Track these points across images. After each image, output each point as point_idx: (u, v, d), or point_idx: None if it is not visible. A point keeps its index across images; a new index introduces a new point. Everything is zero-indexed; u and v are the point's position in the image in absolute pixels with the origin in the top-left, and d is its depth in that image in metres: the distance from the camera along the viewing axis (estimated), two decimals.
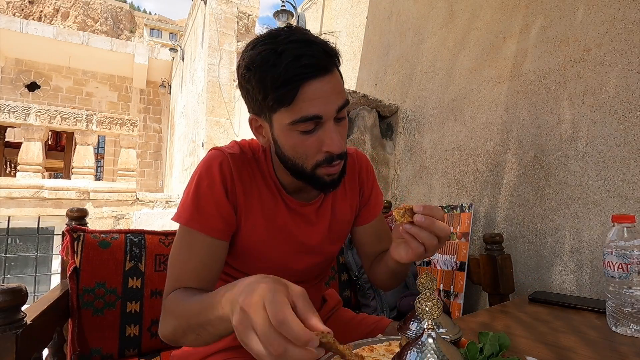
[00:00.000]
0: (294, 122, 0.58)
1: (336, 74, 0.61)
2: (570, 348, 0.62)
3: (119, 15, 23.46)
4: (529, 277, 1.30)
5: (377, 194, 0.84)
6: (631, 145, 1.06)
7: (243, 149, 0.71)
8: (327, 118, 0.59)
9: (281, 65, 0.55)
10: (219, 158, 0.66)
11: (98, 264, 0.94)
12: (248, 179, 0.68)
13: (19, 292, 0.60)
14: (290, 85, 0.56)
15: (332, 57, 0.60)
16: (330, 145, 0.60)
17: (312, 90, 0.57)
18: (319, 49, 0.58)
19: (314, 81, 0.57)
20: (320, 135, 0.60)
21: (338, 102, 0.60)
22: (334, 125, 0.60)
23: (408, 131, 1.94)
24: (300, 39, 0.57)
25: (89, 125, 5.31)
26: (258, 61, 0.57)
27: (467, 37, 1.65)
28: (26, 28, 8.76)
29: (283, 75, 0.55)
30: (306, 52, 0.56)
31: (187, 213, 0.63)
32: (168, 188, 9.72)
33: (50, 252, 5.10)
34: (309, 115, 0.58)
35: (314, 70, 0.57)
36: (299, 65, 0.55)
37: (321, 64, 0.57)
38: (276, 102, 0.58)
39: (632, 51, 1.08)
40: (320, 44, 0.59)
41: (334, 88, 0.59)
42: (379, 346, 0.59)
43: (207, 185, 0.64)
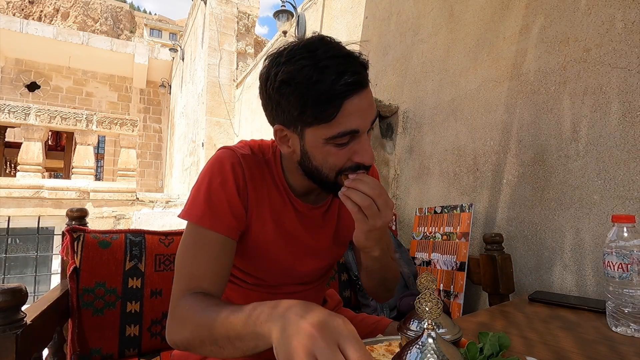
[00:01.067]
0: (332, 138, 0.58)
1: (370, 88, 0.61)
2: (570, 348, 0.62)
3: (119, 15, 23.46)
4: (529, 277, 1.30)
5: None
6: (631, 145, 1.06)
7: (253, 150, 0.71)
8: (363, 131, 0.60)
9: (325, 83, 0.55)
10: (232, 158, 0.66)
11: (98, 264, 0.94)
12: (259, 180, 0.68)
13: (19, 292, 0.60)
14: (334, 102, 0.56)
15: (366, 71, 0.60)
16: (362, 157, 0.61)
17: (353, 106, 0.57)
18: (358, 64, 0.58)
19: (355, 97, 0.57)
20: (354, 147, 0.60)
21: (373, 116, 0.61)
22: (368, 138, 0.61)
23: (408, 131, 1.94)
24: (339, 54, 0.57)
25: (89, 125, 5.31)
26: (299, 77, 0.56)
27: (467, 37, 1.65)
28: (26, 28, 8.76)
29: (327, 93, 0.55)
30: (348, 69, 0.56)
31: (198, 211, 0.62)
32: (168, 188, 9.72)
33: (50, 252, 5.10)
34: (348, 130, 0.58)
35: (357, 86, 0.57)
36: (343, 83, 0.55)
37: (361, 80, 0.58)
38: (315, 118, 0.57)
39: (632, 51, 1.08)
40: (357, 58, 0.59)
41: (370, 102, 0.60)
42: (379, 346, 0.59)
43: (220, 183, 0.64)
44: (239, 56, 6.58)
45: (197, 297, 0.58)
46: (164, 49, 10.45)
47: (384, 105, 1.97)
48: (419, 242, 1.62)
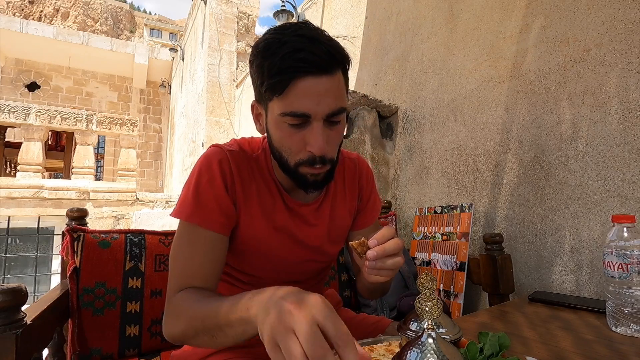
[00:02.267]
0: (283, 114, 0.58)
1: (337, 78, 0.60)
2: (570, 348, 0.62)
3: (119, 15, 23.47)
4: (529, 277, 1.30)
5: (374, 201, 0.84)
6: (631, 145, 1.06)
7: (242, 147, 0.71)
8: (316, 118, 0.59)
9: (279, 55, 0.56)
10: (219, 155, 0.67)
11: (98, 264, 0.94)
12: (247, 176, 0.69)
13: (19, 292, 0.60)
14: (283, 76, 0.56)
15: (335, 60, 0.58)
16: (312, 146, 0.60)
17: (305, 87, 0.57)
18: (322, 48, 0.57)
19: (309, 78, 0.56)
20: (306, 134, 0.60)
21: (331, 106, 0.59)
22: (321, 127, 0.59)
23: (408, 131, 1.94)
24: (306, 35, 0.57)
25: (89, 125, 5.31)
26: (261, 47, 0.58)
27: (467, 37, 1.65)
28: (26, 28, 8.76)
29: (278, 65, 0.56)
30: (307, 47, 0.56)
31: (188, 208, 0.63)
32: (168, 188, 9.72)
33: (50, 252, 5.10)
34: (298, 111, 0.58)
35: (311, 66, 0.56)
36: (296, 58, 0.55)
37: (320, 63, 0.56)
38: (269, 90, 0.58)
39: (632, 51, 1.08)
40: (326, 44, 0.58)
41: (329, 90, 0.58)
42: (379, 346, 0.59)
43: (207, 181, 0.64)
44: (239, 56, 6.58)
45: (189, 292, 0.59)
46: (164, 49, 10.45)
47: (384, 105, 1.97)
48: (419, 242, 1.62)
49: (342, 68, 0.61)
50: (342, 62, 0.61)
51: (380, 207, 0.88)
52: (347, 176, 0.80)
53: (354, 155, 0.84)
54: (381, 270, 0.57)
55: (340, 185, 0.79)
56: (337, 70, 0.59)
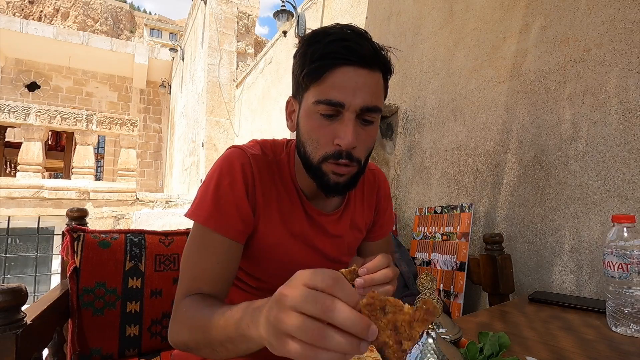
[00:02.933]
0: (317, 102, 0.58)
1: (377, 76, 0.60)
2: (570, 348, 0.62)
3: (119, 15, 23.47)
4: (529, 277, 1.30)
5: (390, 216, 0.84)
6: (631, 145, 1.06)
7: (265, 151, 0.69)
8: (349, 110, 0.58)
9: (323, 42, 0.57)
10: (242, 158, 0.65)
11: (98, 264, 0.94)
12: (268, 181, 0.67)
13: (19, 292, 0.60)
14: (325, 60, 0.56)
15: (378, 58, 0.59)
16: (341, 138, 0.58)
17: (344, 75, 0.57)
18: (368, 44, 0.58)
19: (349, 68, 0.57)
20: (337, 126, 0.59)
21: (366, 100, 0.58)
22: (353, 121, 0.58)
23: (408, 131, 1.94)
24: (354, 29, 0.58)
25: (89, 125, 5.31)
26: (307, 37, 0.60)
27: (467, 37, 1.65)
28: (26, 28, 8.76)
29: (322, 50, 0.56)
30: (353, 39, 0.56)
31: (205, 211, 0.61)
32: (168, 188, 9.72)
33: (50, 252, 5.10)
34: (333, 100, 0.57)
35: (354, 56, 0.56)
36: (341, 45, 0.56)
37: (363, 55, 0.57)
38: (308, 76, 0.58)
39: (632, 51, 1.08)
40: (372, 42, 0.59)
41: (367, 85, 0.58)
42: None
43: (229, 184, 0.62)
44: (239, 56, 6.59)
45: (195, 299, 0.58)
46: (164, 49, 10.45)
47: (384, 105, 1.97)
48: (419, 242, 1.62)
49: (382, 72, 0.61)
50: (385, 65, 0.61)
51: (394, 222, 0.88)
52: (366, 189, 0.80)
53: (373, 168, 0.83)
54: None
55: (359, 197, 0.78)
56: (377, 70, 0.60)
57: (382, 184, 0.82)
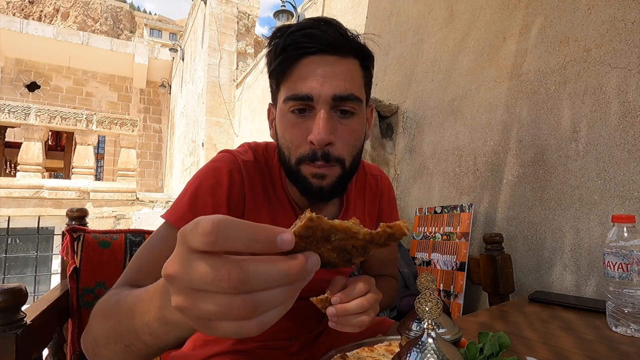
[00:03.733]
0: (287, 99, 0.54)
1: (349, 62, 0.55)
2: (570, 348, 0.62)
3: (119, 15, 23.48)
4: (529, 277, 1.30)
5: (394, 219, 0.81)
6: (631, 145, 1.06)
7: (257, 156, 0.65)
8: (319, 102, 0.53)
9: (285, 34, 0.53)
10: (231, 163, 0.60)
11: (98, 264, 0.94)
12: (260, 189, 0.62)
13: (19, 292, 0.60)
14: (287, 53, 0.53)
15: (348, 43, 0.54)
16: (313, 134, 0.53)
17: (309, 66, 0.53)
18: (335, 30, 0.53)
19: (314, 57, 0.53)
20: (310, 122, 0.54)
21: (338, 89, 0.53)
22: (327, 114, 0.53)
23: (408, 131, 1.94)
24: (322, 18, 0.54)
25: (89, 125, 5.31)
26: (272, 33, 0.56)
27: (467, 37, 1.65)
28: (26, 28, 8.76)
29: (283, 43, 0.53)
30: (316, 26, 0.52)
31: (179, 212, 0.56)
32: (168, 188, 9.72)
33: (50, 252, 5.10)
34: (299, 93, 0.53)
35: (317, 43, 0.52)
36: (302, 34, 0.52)
37: (328, 41, 0.52)
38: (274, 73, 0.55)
39: (632, 51, 1.08)
40: (340, 28, 0.54)
41: (337, 72, 0.53)
42: (379, 346, 0.59)
43: (210, 187, 0.58)
44: (239, 56, 6.59)
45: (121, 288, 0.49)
46: (164, 49, 10.44)
47: (384, 105, 1.97)
48: (419, 242, 1.62)
49: (358, 58, 0.57)
50: (359, 50, 0.56)
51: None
52: (368, 196, 0.74)
53: (376, 172, 0.78)
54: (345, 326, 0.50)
55: (360, 205, 0.73)
56: (350, 56, 0.55)
57: (385, 190, 0.77)
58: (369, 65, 0.59)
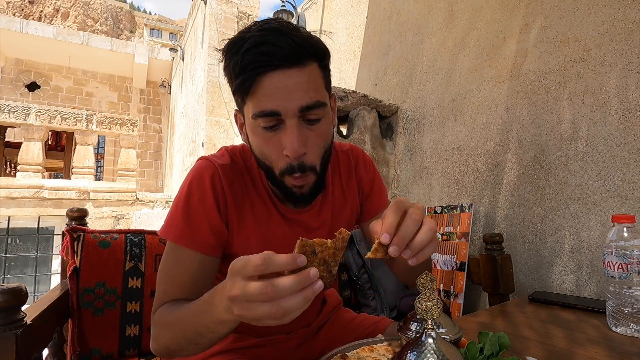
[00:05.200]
0: (255, 116, 0.55)
1: (309, 70, 0.55)
2: (570, 348, 0.62)
3: (119, 15, 23.47)
4: (529, 277, 1.30)
5: (379, 186, 0.79)
6: (631, 145, 1.06)
7: (234, 158, 0.67)
8: (287, 116, 0.54)
9: (240, 52, 0.52)
10: (210, 170, 0.63)
11: (98, 264, 0.94)
12: (240, 190, 0.65)
13: (19, 292, 0.60)
14: (247, 73, 0.52)
15: (304, 50, 0.54)
16: (286, 148, 0.55)
17: (271, 82, 0.52)
18: (288, 40, 0.52)
19: (275, 73, 0.52)
20: (281, 135, 0.55)
21: (302, 101, 0.54)
22: (295, 126, 0.55)
23: (408, 131, 1.94)
24: (271, 28, 0.53)
25: (89, 125, 5.31)
26: (225, 49, 0.55)
27: (467, 37, 1.65)
28: (26, 28, 8.76)
29: (240, 63, 0.52)
30: (270, 40, 0.51)
31: (177, 229, 0.60)
32: (168, 188, 9.72)
33: (50, 252, 5.10)
34: (267, 110, 0.53)
35: (275, 59, 0.52)
36: (257, 52, 0.51)
37: (285, 55, 0.52)
38: (238, 92, 0.55)
39: (632, 51, 1.08)
40: (293, 35, 0.53)
41: (299, 85, 0.53)
42: (379, 346, 0.59)
43: (199, 200, 0.61)
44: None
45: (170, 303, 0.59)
46: (164, 49, 10.44)
47: (384, 105, 1.97)
48: None
49: (317, 61, 0.56)
50: (316, 54, 0.56)
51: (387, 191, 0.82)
52: (343, 171, 0.76)
53: (346, 147, 0.79)
54: (419, 253, 0.47)
55: (338, 183, 0.75)
56: (308, 62, 0.55)
57: (359, 161, 0.78)
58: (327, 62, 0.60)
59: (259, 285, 0.39)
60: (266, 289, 0.38)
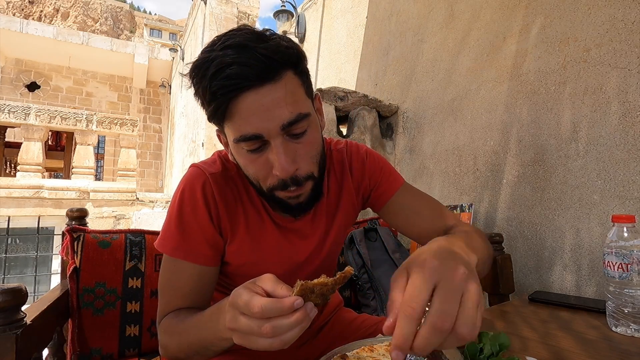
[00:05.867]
0: (237, 141, 0.52)
1: (285, 82, 0.50)
2: (570, 348, 0.62)
3: (119, 15, 23.47)
4: (529, 277, 1.30)
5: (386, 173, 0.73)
6: (631, 145, 1.06)
7: (226, 165, 0.65)
8: (271, 136, 0.51)
9: (206, 77, 0.48)
10: (201, 179, 0.61)
11: (98, 264, 0.94)
12: (232, 199, 0.63)
13: (19, 292, 0.60)
14: (218, 100, 0.49)
15: (275, 62, 0.49)
16: (276, 169, 0.52)
17: (246, 104, 0.49)
18: (255, 55, 0.47)
19: (248, 93, 0.48)
20: (268, 155, 0.52)
21: (284, 117, 0.50)
22: (281, 145, 0.51)
23: (408, 131, 1.94)
24: (235, 44, 0.48)
25: (89, 125, 5.31)
26: (192, 71, 0.51)
27: (467, 37, 1.65)
28: (26, 28, 8.76)
29: (209, 89, 0.48)
30: (236, 60, 0.47)
31: (172, 242, 0.60)
32: (168, 188, 9.72)
33: (50, 252, 5.10)
34: (247, 134, 0.50)
35: (245, 80, 0.47)
36: (224, 76, 0.47)
37: (254, 73, 0.47)
38: (212, 118, 0.52)
39: (632, 51, 1.08)
40: (260, 48, 0.48)
41: (276, 101, 0.49)
42: (379, 346, 0.59)
43: (191, 211, 0.60)
44: None
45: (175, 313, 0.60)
46: (164, 49, 10.44)
47: (384, 105, 1.97)
48: None
49: (291, 68, 0.52)
50: (288, 61, 0.51)
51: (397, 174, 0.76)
52: (337, 170, 0.72)
53: (342, 145, 0.75)
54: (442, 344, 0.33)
55: (333, 184, 0.71)
56: (282, 73, 0.50)
57: (353, 155, 0.74)
58: (303, 66, 0.55)
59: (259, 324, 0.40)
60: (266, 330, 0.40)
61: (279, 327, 0.40)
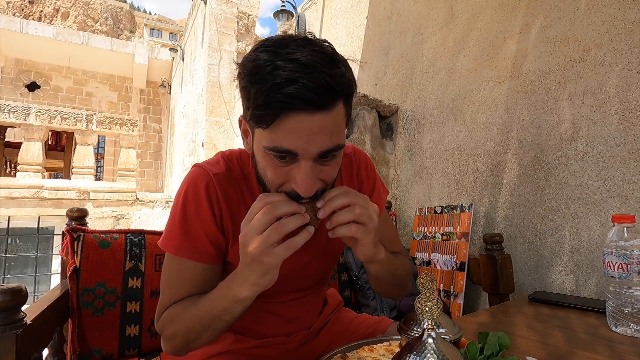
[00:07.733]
0: (268, 149, 0.51)
1: (335, 113, 0.50)
2: (570, 348, 0.62)
3: (119, 15, 23.47)
4: (529, 277, 1.30)
5: (379, 192, 0.78)
6: (631, 145, 1.06)
7: (230, 166, 0.66)
8: (304, 157, 0.51)
9: (267, 83, 0.47)
10: (204, 179, 0.62)
11: (98, 264, 0.94)
12: (235, 200, 0.64)
13: (19, 292, 0.60)
14: (270, 109, 0.48)
15: (335, 92, 0.49)
16: (298, 186, 0.52)
17: (294, 123, 0.48)
18: (320, 80, 0.47)
19: (300, 114, 0.48)
20: (293, 169, 0.52)
21: (323, 146, 0.50)
22: (310, 167, 0.51)
23: (408, 131, 1.94)
24: (302, 60, 0.47)
25: (89, 125, 5.31)
26: (249, 68, 0.49)
27: (467, 37, 1.65)
28: (26, 28, 8.76)
29: (265, 96, 0.47)
30: (301, 79, 0.46)
31: (176, 241, 0.61)
32: (168, 188, 9.72)
33: (50, 252, 5.10)
34: (283, 148, 0.50)
35: (303, 103, 0.47)
36: (286, 93, 0.46)
37: (314, 99, 0.47)
38: (255, 120, 0.51)
39: (632, 51, 1.08)
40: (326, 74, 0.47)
41: (323, 128, 0.49)
42: (379, 346, 0.59)
43: (195, 211, 0.61)
44: (239, 56, 6.58)
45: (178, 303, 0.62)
46: (164, 49, 10.44)
47: (384, 105, 1.97)
48: (419, 242, 1.62)
49: (343, 99, 0.52)
50: (345, 92, 0.51)
51: (386, 197, 0.81)
52: (344, 174, 0.74)
53: (349, 150, 0.77)
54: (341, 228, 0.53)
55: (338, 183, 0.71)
56: (336, 104, 0.50)
57: (362, 164, 0.77)
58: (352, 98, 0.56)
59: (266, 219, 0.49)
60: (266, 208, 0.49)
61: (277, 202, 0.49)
